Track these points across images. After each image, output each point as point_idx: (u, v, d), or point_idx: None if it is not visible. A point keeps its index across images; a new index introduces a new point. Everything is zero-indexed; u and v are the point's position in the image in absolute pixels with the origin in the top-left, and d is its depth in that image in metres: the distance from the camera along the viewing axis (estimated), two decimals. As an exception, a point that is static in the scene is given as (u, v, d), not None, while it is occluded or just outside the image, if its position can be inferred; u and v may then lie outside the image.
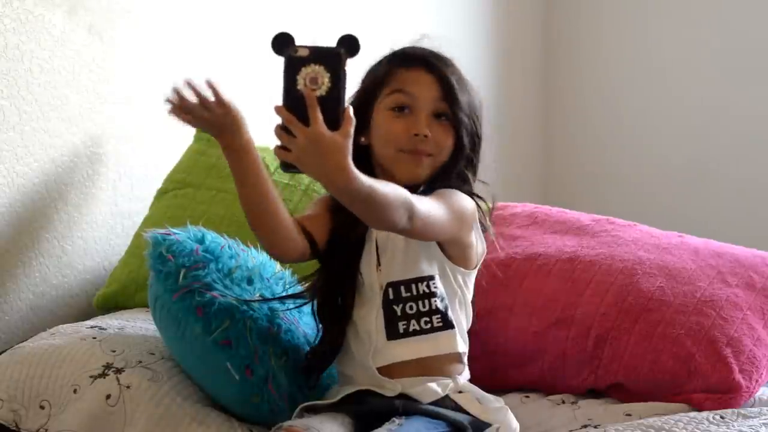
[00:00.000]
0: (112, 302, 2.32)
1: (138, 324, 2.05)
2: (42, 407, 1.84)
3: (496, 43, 3.84)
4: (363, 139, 1.76)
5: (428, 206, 1.62)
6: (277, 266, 1.95)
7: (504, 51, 3.87)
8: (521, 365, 2.03)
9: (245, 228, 2.25)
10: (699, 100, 3.78)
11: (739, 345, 1.94)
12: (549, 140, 4.07)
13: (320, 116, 1.40)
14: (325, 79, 1.37)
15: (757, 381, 1.93)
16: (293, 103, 1.39)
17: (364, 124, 1.76)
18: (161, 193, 2.42)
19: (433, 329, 1.75)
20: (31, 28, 2.23)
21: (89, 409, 1.80)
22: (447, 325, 1.75)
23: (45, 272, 2.31)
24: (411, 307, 1.73)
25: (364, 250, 1.77)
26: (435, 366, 1.75)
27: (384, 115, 1.76)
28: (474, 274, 1.82)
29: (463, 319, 1.80)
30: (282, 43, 1.41)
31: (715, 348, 1.93)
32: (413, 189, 1.69)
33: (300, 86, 1.38)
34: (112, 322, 2.07)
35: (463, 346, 1.79)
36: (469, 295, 1.82)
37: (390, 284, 1.75)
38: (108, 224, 2.45)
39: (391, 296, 1.74)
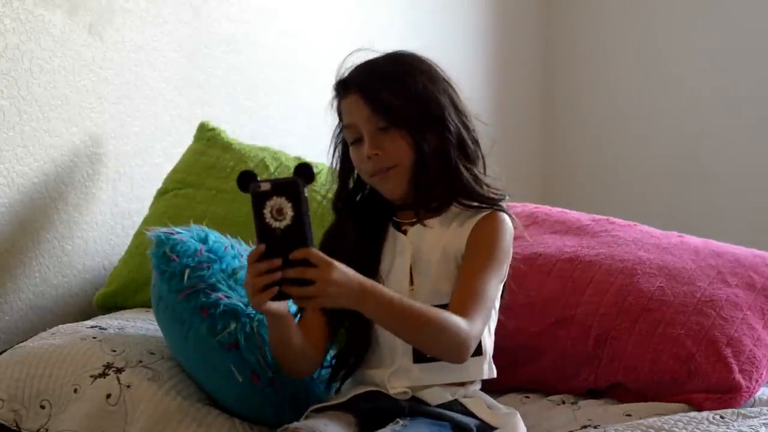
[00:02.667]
0: (112, 302, 2.32)
1: (138, 324, 2.05)
2: (42, 407, 1.84)
3: (496, 44, 3.84)
4: (352, 179, 1.81)
5: (483, 315, 1.64)
6: None
7: (504, 51, 3.87)
8: (521, 365, 2.03)
9: (245, 228, 2.25)
10: (699, 101, 3.78)
11: (739, 345, 1.94)
12: (549, 140, 4.07)
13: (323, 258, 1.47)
14: (288, 209, 1.46)
15: (757, 381, 1.93)
16: (264, 234, 1.47)
17: (350, 165, 1.80)
18: (161, 193, 2.42)
19: None
20: (31, 28, 2.23)
21: (90, 409, 1.80)
22: (477, 351, 1.72)
23: (45, 272, 2.31)
24: None
25: (395, 260, 1.76)
26: (454, 387, 1.75)
27: (351, 151, 1.78)
28: (501, 286, 1.79)
29: (489, 341, 1.78)
30: (245, 180, 1.49)
31: (715, 348, 1.93)
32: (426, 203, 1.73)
33: (268, 219, 1.46)
34: (112, 321, 2.07)
35: (488, 372, 1.77)
36: (497, 304, 1.80)
37: None
38: (108, 224, 2.45)
39: None
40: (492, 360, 1.79)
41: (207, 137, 2.46)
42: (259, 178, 1.49)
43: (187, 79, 2.61)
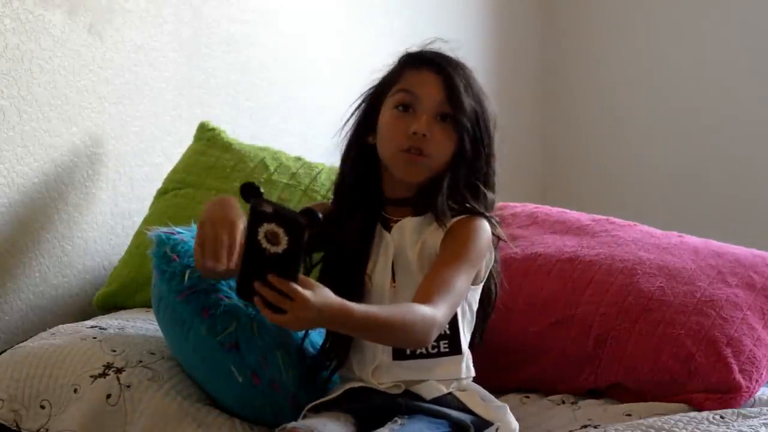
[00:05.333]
0: (112, 302, 2.32)
1: (138, 324, 2.05)
2: (42, 407, 1.84)
3: (496, 44, 3.84)
4: (370, 139, 1.78)
5: (449, 303, 1.64)
6: None
7: (504, 51, 3.87)
8: (521, 365, 2.03)
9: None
10: (698, 100, 3.78)
11: (739, 345, 1.94)
12: (548, 140, 4.07)
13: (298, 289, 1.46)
14: (283, 240, 1.44)
15: (757, 381, 1.93)
16: (252, 248, 1.45)
17: (372, 125, 1.78)
18: (161, 193, 2.42)
19: (440, 354, 1.74)
20: (31, 28, 2.23)
21: (90, 409, 1.80)
22: (454, 350, 1.74)
23: (45, 272, 2.31)
24: None
25: (378, 259, 1.76)
26: (448, 380, 1.76)
27: (388, 114, 1.76)
28: (480, 287, 1.81)
29: (466, 341, 1.79)
30: (249, 192, 1.48)
31: (715, 348, 1.93)
32: (426, 198, 1.72)
33: (260, 237, 1.44)
34: (112, 321, 2.07)
35: (466, 371, 1.77)
36: (475, 307, 1.81)
37: None
38: (108, 224, 2.45)
39: None
40: (469, 360, 1.79)
41: (207, 137, 2.46)
42: (264, 196, 1.47)
43: (187, 79, 2.62)
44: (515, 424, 1.76)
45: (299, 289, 1.45)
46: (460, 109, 1.73)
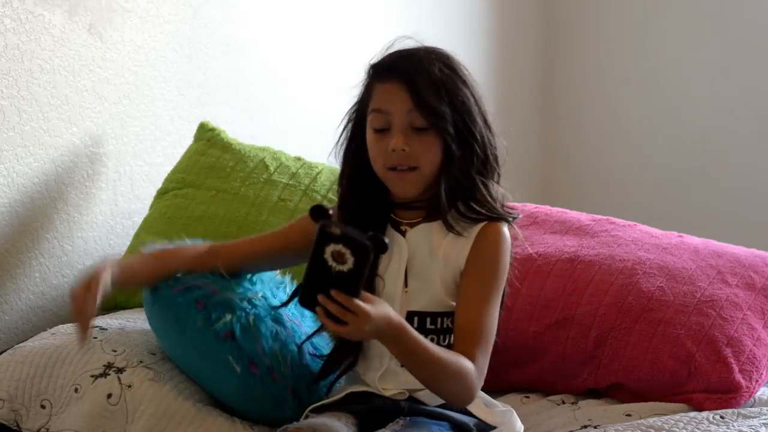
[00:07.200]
0: (112, 302, 2.31)
1: (139, 324, 2.05)
2: (43, 407, 1.85)
3: (496, 44, 3.84)
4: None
5: (487, 352, 1.67)
6: (276, 273, 1.95)
7: (504, 51, 3.87)
8: (521, 365, 2.03)
9: (245, 228, 2.27)
10: (698, 100, 3.78)
11: (739, 345, 1.94)
12: (549, 140, 4.07)
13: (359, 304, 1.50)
14: (349, 261, 1.49)
15: (757, 381, 1.93)
16: (317, 265, 1.50)
17: (361, 140, 1.75)
18: (161, 193, 2.42)
19: None
20: (31, 28, 2.23)
21: (90, 409, 1.80)
22: None
23: (45, 272, 2.31)
24: (432, 340, 1.67)
25: (392, 261, 1.73)
26: None
27: (370, 137, 1.72)
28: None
29: None
30: (318, 214, 1.55)
31: (715, 348, 1.93)
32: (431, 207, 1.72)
33: (326, 255, 1.49)
34: (112, 321, 2.07)
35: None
36: None
37: (415, 313, 1.71)
38: (108, 224, 2.45)
39: (415, 325, 1.68)
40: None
41: (207, 137, 2.46)
42: (333, 219, 1.54)
43: (187, 79, 2.62)
44: (520, 425, 1.75)
45: (361, 304, 1.49)
46: (433, 114, 1.66)
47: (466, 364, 1.61)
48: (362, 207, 1.75)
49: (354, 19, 3.15)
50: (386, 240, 1.51)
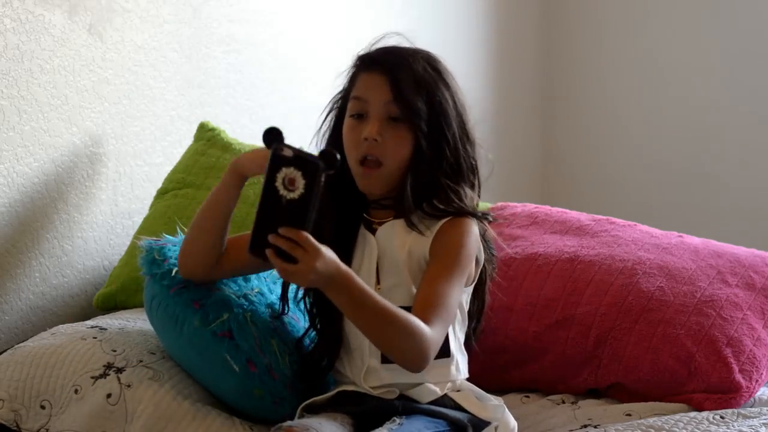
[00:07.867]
0: (112, 302, 2.32)
1: (138, 324, 2.05)
2: (43, 407, 1.85)
3: (496, 44, 3.84)
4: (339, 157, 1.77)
5: (444, 322, 1.63)
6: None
7: (504, 51, 3.87)
8: (521, 365, 2.04)
9: (245, 228, 2.25)
10: (698, 100, 3.78)
11: (739, 345, 1.94)
12: (549, 140, 4.07)
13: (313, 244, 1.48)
14: (300, 185, 1.45)
15: (757, 381, 1.93)
16: (268, 195, 1.47)
17: (340, 138, 1.76)
18: (161, 193, 2.42)
19: None
20: (31, 28, 2.23)
21: (90, 409, 1.80)
22: (442, 353, 1.70)
23: (45, 272, 2.31)
24: None
25: (363, 260, 1.74)
26: (442, 382, 1.75)
27: (346, 124, 1.75)
28: (471, 288, 1.79)
29: (461, 337, 1.78)
30: (271, 136, 1.51)
31: (715, 348, 1.93)
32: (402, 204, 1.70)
33: (278, 183, 1.46)
34: (112, 321, 2.07)
35: (455, 374, 1.76)
36: (466, 308, 1.80)
37: None
38: (108, 224, 2.45)
39: None
40: (458, 363, 1.77)
41: (207, 137, 2.46)
42: (285, 141, 1.49)
43: (187, 79, 2.62)
44: (513, 423, 1.76)
45: (311, 239, 1.46)
46: (409, 109, 1.69)
47: (419, 323, 1.58)
48: (338, 202, 1.76)
49: (354, 20, 3.15)
50: (337, 155, 1.48)
